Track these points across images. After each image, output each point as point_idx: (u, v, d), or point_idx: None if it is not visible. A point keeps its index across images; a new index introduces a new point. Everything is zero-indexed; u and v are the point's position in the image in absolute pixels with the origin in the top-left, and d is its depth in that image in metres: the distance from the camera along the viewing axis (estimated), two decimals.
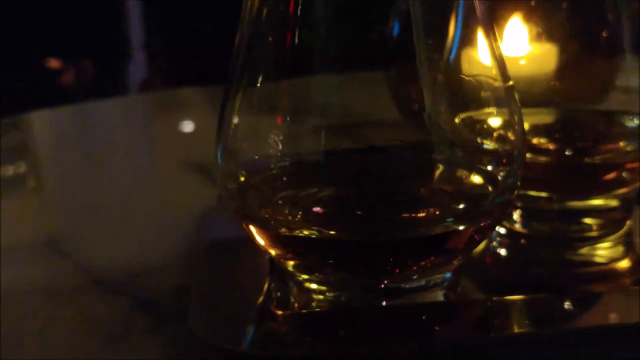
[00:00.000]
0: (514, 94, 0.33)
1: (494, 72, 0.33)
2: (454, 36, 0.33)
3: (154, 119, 0.69)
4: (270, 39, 0.32)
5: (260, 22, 0.32)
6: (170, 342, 0.33)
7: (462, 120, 0.34)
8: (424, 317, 0.30)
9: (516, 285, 0.36)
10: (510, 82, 0.33)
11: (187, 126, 0.65)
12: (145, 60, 2.44)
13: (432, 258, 0.31)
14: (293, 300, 0.33)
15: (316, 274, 0.31)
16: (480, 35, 0.33)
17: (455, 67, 0.33)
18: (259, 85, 0.32)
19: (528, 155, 0.36)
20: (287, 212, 0.32)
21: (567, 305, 0.32)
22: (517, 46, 0.44)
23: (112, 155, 0.59)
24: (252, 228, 0.32)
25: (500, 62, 0.33)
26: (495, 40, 0.33)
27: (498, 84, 0.33)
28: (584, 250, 0.38)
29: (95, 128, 0.66)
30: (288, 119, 0.33)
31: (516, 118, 0.33)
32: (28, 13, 2.01)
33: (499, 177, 0.33)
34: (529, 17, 0.43)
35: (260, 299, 0.33)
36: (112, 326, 0.34)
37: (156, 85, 2.42)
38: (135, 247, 0.43)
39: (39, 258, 0.42)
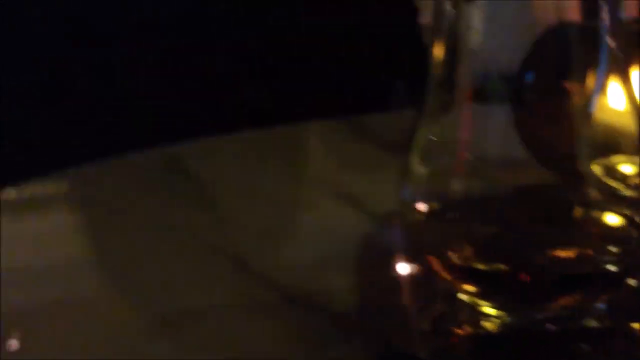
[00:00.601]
0: None
1: (631, 120, 0.39)
2: (595, 83, 0.39)
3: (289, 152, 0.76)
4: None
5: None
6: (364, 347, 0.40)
7: (605, 166, 0.41)
8: (578, 342, 0.37)
9: None
10: None
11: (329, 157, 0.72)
12: None
13: (588, 292, 0.37)
14: (464, 320, 0.40)
15: (487, 300, 0.38)
16: (619, 83, 0.39)
17: (595, 112, 0.39)
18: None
19: None
20: (460, 246, 0.39)
21: None
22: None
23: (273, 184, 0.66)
24: (430, 259, 0.39)
25: (635, 111, 0.39)
26: (632, 89, 0.39)
27: (635, 131, 0.39)
28: None
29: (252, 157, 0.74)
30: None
31: None
32: None
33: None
34: None
35: (432, 318, 0.40)
36: (311, 337, 0.41)
37: None
38: (310, 267, 0.50)
39: (228, 276, 0.50)
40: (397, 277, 0.45)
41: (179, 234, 0.57)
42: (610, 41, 0.38)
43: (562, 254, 0.39)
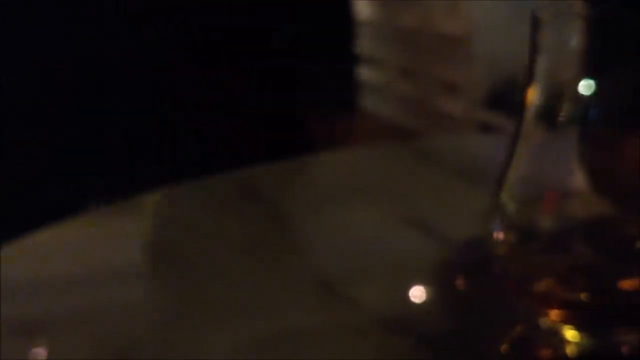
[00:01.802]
0: None
1: None
2: None
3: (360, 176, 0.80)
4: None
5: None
6: None
7: None
8: None
9: None
10: None
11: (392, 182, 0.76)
12: None
13: None
14: (545, 342, 0.44)
15: (568, 325, 0.43)
16: None
17: None
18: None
19: None
20: (544, 276, 0.43)
21: None
22: None
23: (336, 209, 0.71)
24: (514, 285, 0.43)
25: None
26: None
27: None
28: None
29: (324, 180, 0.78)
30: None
31: None
32: None
33: None
34: None
35: (514, 339, 0.45)
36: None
37: None
38: (391, 291, 0.55)
39: (319, 301, 0.54)
40: (481, 303, 0.49)
41: (261, 256, 0.62)
42: None
43: (633, 284, 0.43)
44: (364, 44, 4.43)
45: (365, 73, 4.45)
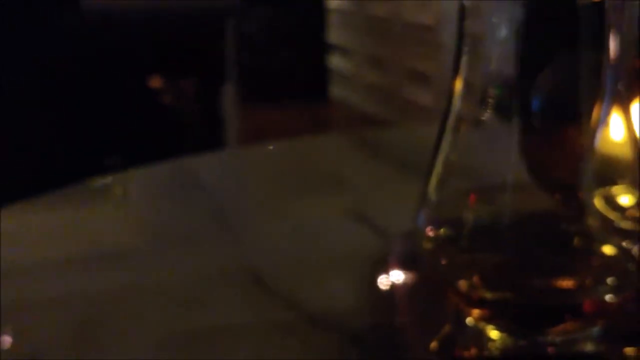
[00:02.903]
0: None
1: (629, 152, 0.42)
2: (599, 114, 0.42)
3: (303, 166, 0.79)
4: None
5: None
6: None
7: (604, 196, 0.44)
8: None
9: None
10: None
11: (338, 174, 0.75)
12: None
13: (585, 319, 0.40)
14: (471, 341, 0.43)
15: (492, 325, 0.41)
16: (620, 115, 0.42)
17: (598, 143, 0.42)
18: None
19: None
20: (467, 274, 0.42)
21: None
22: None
23: (277, 199, 0.70)
24: (440, 284, 0.42)
25: (634, 144, 0.42)
26: (632, 124, 0.42)
27: (633, 164, 0.42)
28: None
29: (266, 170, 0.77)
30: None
31: None
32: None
33: (635, 253, 0.42)
34: None
35: (441, 338, 0.43)
36: (327, 356, 0.45)
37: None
38: (322, 286, 0.53)
39: (247, 295, 0.53)
40: (409, 300, 0.48)
41: (196, 248, 0.60)
42: (613, 73, 0.41)
43: (563, 283, 0.42)
44: (334, 33, 4.44)
45: (335, 62, 4.45)
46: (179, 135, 2.31)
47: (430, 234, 0.42)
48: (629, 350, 0.43)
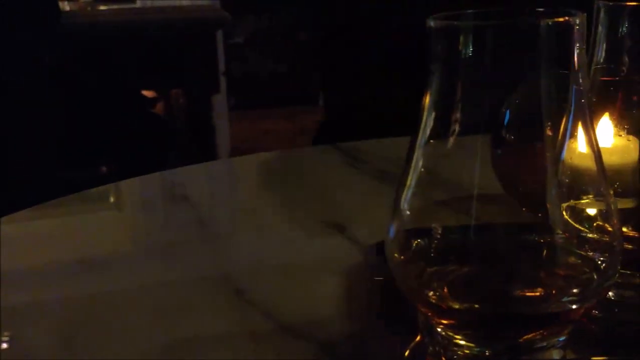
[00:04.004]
0: (609, 187, 0.43)
1: (595, 165, 0.43)
2: (565, 127, 0.43)
3: (284, 176, 0.80)
4: None
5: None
6: None
7: (567, 208, 0.45)
8: None
9: (608, 344, 0.46)
10: (606, 177, 0.43)
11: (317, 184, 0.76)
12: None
13: (551, 327, 0.41)
14: (440, 350, 0.44)
15: (460, 334, 0.43)
16: (586, 131, 0.43)
17: (565, 155, 0.43)
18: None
19: None
20: (436, 284, 0.43)
21: None
22: (607, 139, 0.54)
23: (256, 210, 0.71)
24: (409, 295, 0.43)
25: (598, 156, 0.43)
26: (595, 137, 0.43)
27: (599, 176, 0.43)
28: None
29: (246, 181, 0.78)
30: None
31: (613, 210, 0.43)
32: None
33: (600, 264, 0.43)
34: (618, 115, 0.53)
35: (412, 347, 0.44)
36: None
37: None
38: (299, 296, 0.54)
39: (226, 304, 0.54)
40: (381, 309, 0.49)
41: (177, 258, 0.61)
42: (578, 88, 0.42)
43: (529, 292, 0.43)
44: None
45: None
46: (170, 145, 2.31)
47: (401, 244, 0.44)
48: (595, 359, 0.44)
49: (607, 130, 0.55)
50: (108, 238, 0.66)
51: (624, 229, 0.52)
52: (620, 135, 0.54)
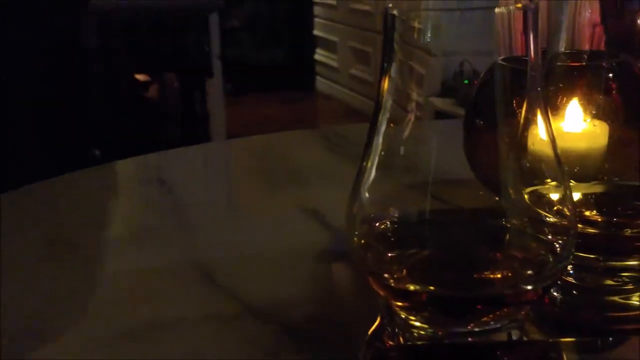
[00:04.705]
0: (565, 173, 0.44)
1: (551, 152, 0.44)
2: (523, 118, 0.44)
3: (264, 161, 0.81)
4: None
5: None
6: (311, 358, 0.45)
7: (530, 193, 0.46)
8: (498, 352, 0.42)
9: (568, 326, 0.47)
10: (562, 164, 0.44)
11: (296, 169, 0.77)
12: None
13: (505, 309, 0.42)
14: (399, 332, 0.45)
15: (417, 316, 0.43)
16: (540, 120, 0.44)
17: (524, 145, 0.44)
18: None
19: (579, 226, 0.48)
20: (395, 268, 0.44)
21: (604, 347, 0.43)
22: (575, 124, 0.55)
23: (233, 195, 0.71)
24: (370, 279, 0.44)
25: (554, 144, 0.44)
26: (550, 124, 0.44)
27: (554, 163, 0.44)
28: (621, 299, 0.49)
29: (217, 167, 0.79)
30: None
31: (569, 195, 0.44)
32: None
33: (557, 246, 0.44)
34: (585, 100, 0.54)
35: (373, 329, 0.45)
36: (266, 348, 0.46)
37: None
38: (268, 280, 0.55)
39: (195, 289, 0.55)
40: (344, 291, 0.50)
41: (150, 243, 0.62)
42: (534, 77, 0.43)
43: (484, 275, 0.44)
44: (319, 26, 4.43)
45: (321, 55, 4.45)
46: (163, 129, 2.32)
47: (360, 229, 0.44)
48: (550, 339, 0.45)
49: (575, 116, 0.55)
50: (81, 221, 0.67)
51: (590, 213, 0.53)
52: (588, 121, 0.55)
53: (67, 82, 1.96)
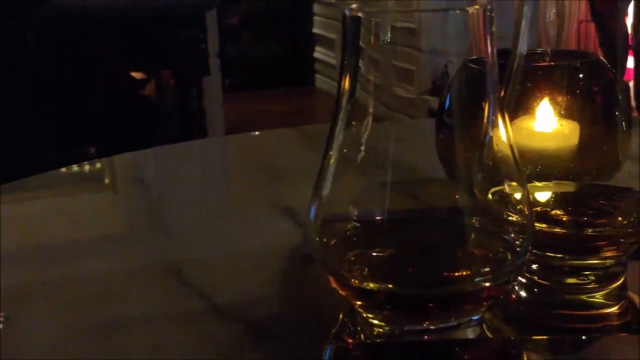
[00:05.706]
0: (524, 174, 0.44)
1: (509, 153, 0.44)
2: (486, 119, 0.44)
3: (243, 159, 0.81)
4: None
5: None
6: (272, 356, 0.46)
7: (495, 192, 0.46)
8: (456, 349, 0.42)
9: (532, 325, 0.48)
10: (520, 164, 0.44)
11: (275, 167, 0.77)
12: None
13: (464, 307, 0.42)
14: (360, 330, 0.45)
15: (376, 315, 0.44)
16: (500, 123, 0.44)
17: (487, 147, 0.45)
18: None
19: (544, 225, 0.48)
20: (357, 267, 0.44)
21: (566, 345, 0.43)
22: (545, 124, 0.55)
23: (210, 193, 0.72)
24: (330, 277, 0.44)
25: (512, 145, 0.44)
26: (508, 125, 0.44)
27: (513, 163, 0.44)
28: (584, 298, 0.49)
29: (195, 166, 0.79)
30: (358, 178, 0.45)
31: (526, 195, 0.44)
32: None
33: (517, 245, 0.44)
34: (555, 101, 0.54)
35: (336, 328, 0.46)
36: (228, 345, 0.47)
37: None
38: (236, 279, 0.56)
39: (164, 287, 0.55)
40: (310, 290, 0.50)
41: (122, 241, 0.62)
42: (492, 78, 0.43)
43: (444, 273, 0.44)
44: (318, 24, 4.43)
45: (319, 52, 4.45)
46: (159, 127, 2.32)
47: (321, 228, 0.45)
48: (508, 336, 0.45)
49: (546, 116, 0.56)
50: (57, 223, 0.67)
51: (556, 212, 0.53)
52: (557, 120, 0.55)
53: (63, 79, 1.97)
